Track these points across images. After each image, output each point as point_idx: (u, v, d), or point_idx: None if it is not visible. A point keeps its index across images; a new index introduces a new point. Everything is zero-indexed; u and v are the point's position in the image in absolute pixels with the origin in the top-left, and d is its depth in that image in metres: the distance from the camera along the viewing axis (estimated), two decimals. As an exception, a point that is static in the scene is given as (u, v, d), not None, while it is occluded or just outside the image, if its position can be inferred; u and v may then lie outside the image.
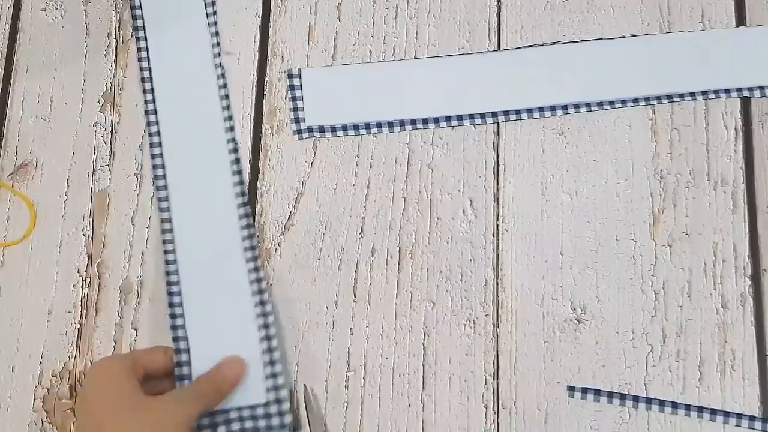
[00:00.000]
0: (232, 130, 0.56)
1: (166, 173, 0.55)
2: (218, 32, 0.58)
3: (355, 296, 0.53)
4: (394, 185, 0.55)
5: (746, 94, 0.57)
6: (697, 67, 0.57)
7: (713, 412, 0.51)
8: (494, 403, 0.51)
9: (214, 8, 0.59)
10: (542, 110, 0.56)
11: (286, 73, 0.58)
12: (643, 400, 0.51)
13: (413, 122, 0.56)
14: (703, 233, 0.54)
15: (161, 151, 0.55)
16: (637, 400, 0.51)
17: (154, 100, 0.56)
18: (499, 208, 0.55)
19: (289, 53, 0.58)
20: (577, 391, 0.51)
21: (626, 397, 0.51)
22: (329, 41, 0.58)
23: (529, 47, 0.58)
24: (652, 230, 0.54)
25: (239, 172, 0.55)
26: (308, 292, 0.53)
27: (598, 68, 0.57)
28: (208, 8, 0.59)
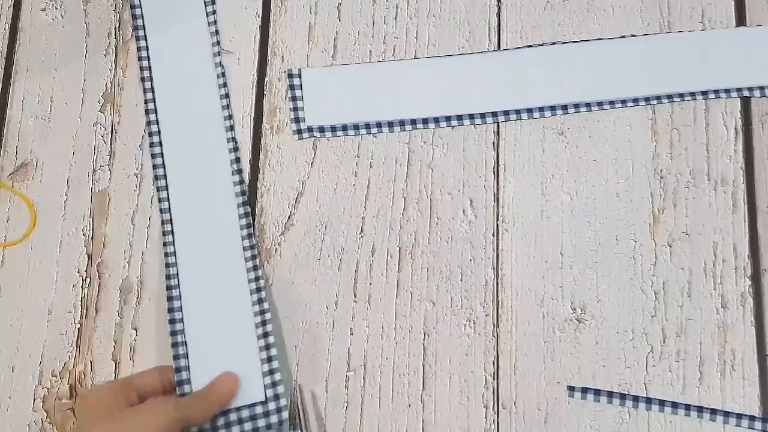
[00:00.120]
0: (232, 129, 0.56)
1: (166, 173, 0.55)
2: (218, 32, 0.58)
3: (355, 296, 0.53)
4: (394, 185, 0.55)
5: (746, 94, 0.57)
6: (697, 67, 0.57)
7: (713, 412, 0.51)
8: (494, 403, 0.51)
9: (214, 8, 0.59)
10: (542, 110, 0.56)
11: (286, 73, 0.58)
12: (643, 400, 0.51)
13: (413, 122, 0.56)
14: (703, 233, 0.54)
15: (161, 151, 0.55)
16: (637, 400, 0.51)
17: (154, 100, 0.56)
18: (499, 208, 0.55)
19: (289, 53, 0.58)
20: (577, 391, 0.51)
21: (626, 397, 0.51)
22: (329, 41, 0.58)
23: (529, 47, 0.58)
24: (652, 230, 0.54)
25: (239, 171, 0.55)
26: (308, 292, 0.53)
27: (598, 68, 0.57)
28: (208, 8, 0.59)
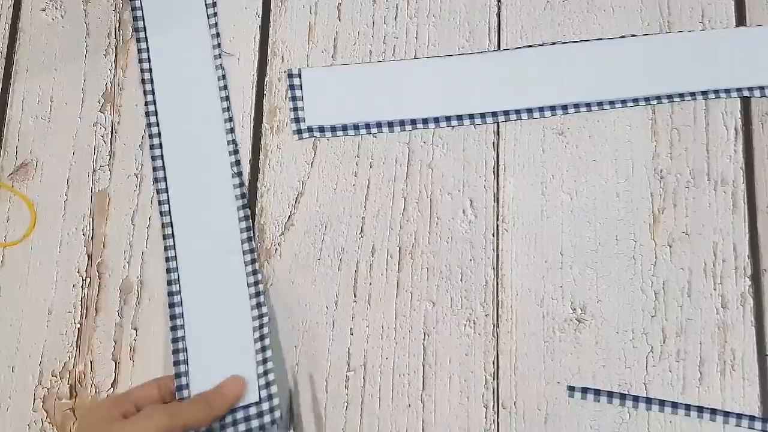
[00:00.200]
0: (232, 132, 0.56)
1: (166, 175, 0.55)
2: (218, 33, 0.58)
3: (355, 296, 0.53)
4: (394, 185, 0.55)
5: (746, 94, 0.57)
6: (697, 67, 0.57)
7: (713, 412, 0.51)
8: (494, 403, 0.51)
9: (215, 15, 0.59)
10: (542, 110, 0.56)
11: (286, 73, 0.58)
12: (643, 400, 0.51)
13: (413, 122, 0.56)
14: (703, 233, 0.54)
15: (161, 153, 0.55)
16: (637, 400, 0.51)
17: (154, 100, 0.56)
18: (499, 208, 0.55)
19: (289, 53, 0.58)
20: (577, 391, 0.51)
21: (626, 397, 0.51)
22: (329, 41, 0.58)
23: (529, 47, 0.58)
24: (652, 230, 0.54)
25: (240, 174, 0.55)
26: (308, 292, 0.53)
27: (598, 68, 0.57)
28: (208, 8, 0.59)
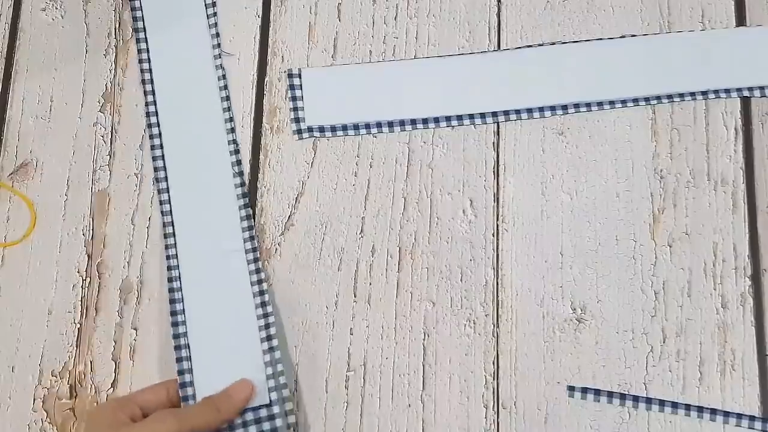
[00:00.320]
0: (233, 132, 0.56)
1: (167, 174, 0.55)
2: (218, 32, 0.58)
3: (355, 296, 0.53)
4: (394, 185, 0.55)
5: (746, 94, 0.57)
6: (697, 67, 0.57)
7: (713, 412, 0.51)
8: (494, 403, 0.51)
9: (215, 15, 0.58)
10: (542, 110, 0.56)
11: (286, 73, 0.58)
12: (643, 400, 0.51)
13: (413, 122, 0.56)
14: (703, 233, 0.54)
15: (162, 152, 0.55)
16: (637, 400, 0.51)
17: (155, 101, 0.56)
18: (499, 208, 0.55)
19: (289, 53, 0.58)
20: (577, 391, 0.51)
21: (626, 397, 0.51)
22: (329, 41, 0.58)
23: (529, 47, 0.58)
24: (652, 230, 0.54)
25: (241, 173, 0.55)
26: (308, 292, 0.53)
27: (598, 68, 0.57)
28: (208, 9, 0.59)
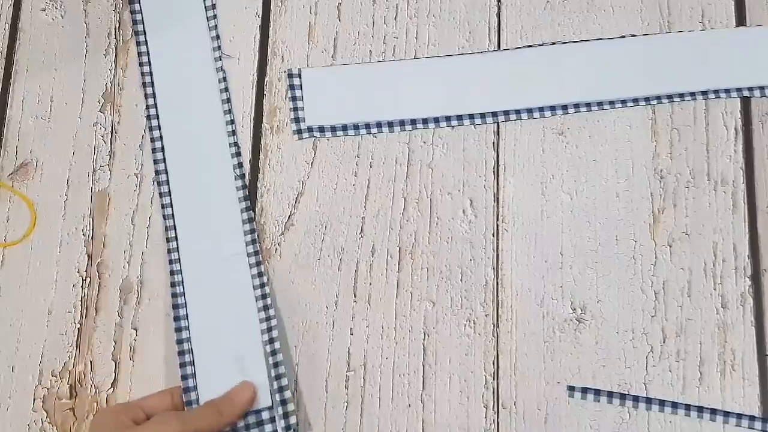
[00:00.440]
0: (234, 134, 0.56)
1: (168, 177, 0.55)
2: (218, 32, 0.58)
3: (355, 296, 0.53)
4: (394, 185, 0.55)
5: (746, 94, 0.57)
6: (697, 67, 0.57)
7: (713, 412, 0.51)
8: (494, 403, 0.51)
9: (215, 15, 0.58)
10: (542, 110, 0.56)
11: (286, 73, 0.58)
12: (643, 400, 0.51)
13: (413, 122, 0.56)
14: (703, 233, 0.54)
15: (164, 155, 0.55)
16: (637, 400, 0.51)
17: (155, 104, 0.56)
18: (499, 208, 0.55)
19: (289, 53, 0.58)
20: (577, 391, 0.51)
21: (626, 397, 0.51)
22: (329, 41, 0.58)
23: (529, 47, 0.58)
24: (652, 230, 0.54)
25: (242, 176, 0.55)
26: (308, 292, 0.53)
27: (598, 68, 0.57)
28: (208, 9, 0.58)
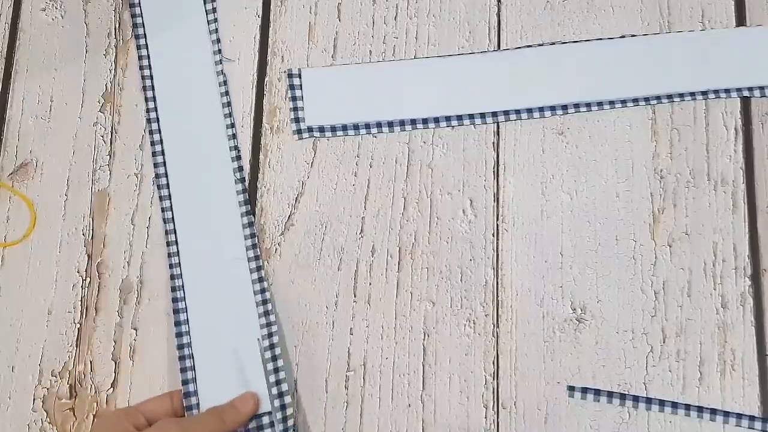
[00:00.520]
0: (234, 138, 0.56)
1: (168, 181, 0.54)
2: (218, 32, 0.58)
3: (355, 296, 0.53)
4: (394, 185, 0.55)
5: (746, 94, 0.57)
6: (697, 67, 0.57)
7: (713, 412, 0.51)
8: (494, 403, 0.51)
9: (215, 15, 0.58)
10: (542, 110, 0.56)
11: (286, 73, 0.58)
12: (643, 400, 0.51)
13: (413, 122, 0.56)
14: (703, 233, 0.54)
15: (164, 158, 0.55)
16: (637, 400, 0.51)
17: (155, 108, 0.56)
18: (499, 208, 0.55)
19: (289, 53, 0.58)
20: (577, 391, 0.51)
21: (626, 397, 0.51)
22: (329, 41, 0.58)
23: (529, 47, 0.58)
24: (652, 230, 0.54)
25: (243, 180, 0.55)
26: (308, 292, 0.53)
27: (598, 68, 0.57)
28: (208, 10, 0.58)
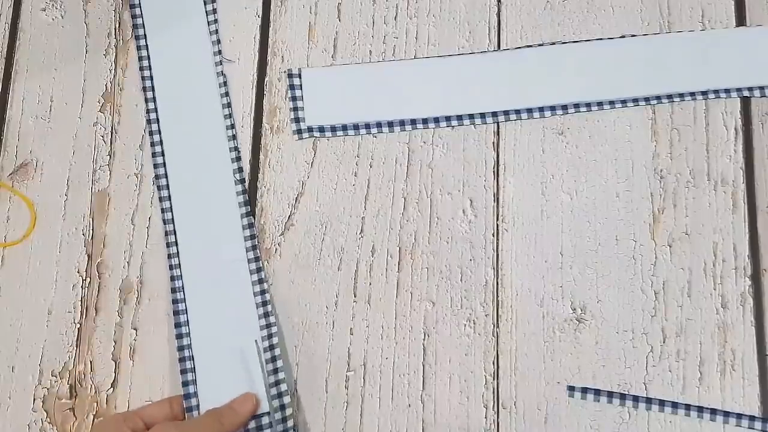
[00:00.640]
0: (234, 139, 0.56)
1: (168, 182, 0.54)
2: (218, 33, 0.58)
3: (355, 296, 0.53)
4: (394, 185, 0.55)
5: (746, 94, 0.57)
6: (697, 67, 0.57)
7: (713, 412, 0.51)
8: (494, 403, 0.51)
9: (215, 15, 0.58)
10: (542, 110, 0.56)
11: (286, 73, 0.58)
12: (643, 400, 0.51)
13: (413, 122, 0.56)
14: (703, 233, 0.54)
15: (164, 161, 0.55)
16: (637, 400, 0.51)
17: (155, 108, 0.56)
18: (499, 208, 0.55)
19: (289, 53, 0.58)
20: (577, 391, 0.51)
21: (626, 397, 0.51)
22: (329, 41, 0.58)
23: (529, 47, 0.58)
24: (652, 230, 0.54)
25: (243, 181, 0.55)
26: (308, 292, 0.53)
27: (598, 68, 0.57)
28: (209, 16, 0.58)
